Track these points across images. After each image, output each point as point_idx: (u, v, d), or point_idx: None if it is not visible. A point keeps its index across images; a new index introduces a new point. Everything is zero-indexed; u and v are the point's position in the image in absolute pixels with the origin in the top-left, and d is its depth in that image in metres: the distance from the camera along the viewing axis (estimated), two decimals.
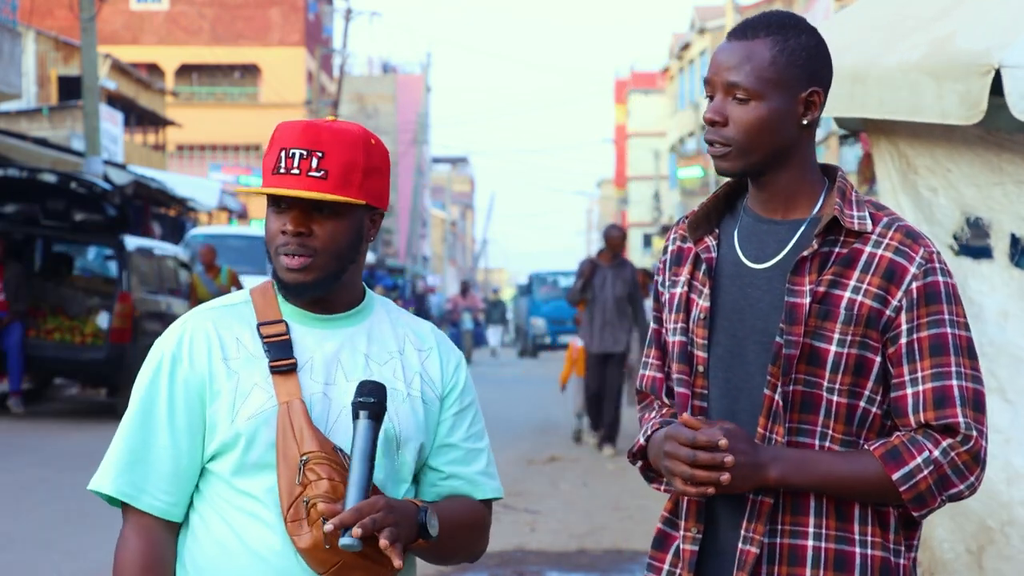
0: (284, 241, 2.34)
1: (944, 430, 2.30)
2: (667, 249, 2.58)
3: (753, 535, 2.35)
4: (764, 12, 2.46)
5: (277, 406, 2.31)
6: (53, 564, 7.50)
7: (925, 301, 2.32)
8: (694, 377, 2.45)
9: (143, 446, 2.33)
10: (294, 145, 2.34)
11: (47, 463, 11.22)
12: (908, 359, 2.32)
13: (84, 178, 16.01)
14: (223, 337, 2.37)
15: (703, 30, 46.02)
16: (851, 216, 2.36)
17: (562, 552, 8.36)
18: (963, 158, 4.45)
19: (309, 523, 2.26)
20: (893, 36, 4.39)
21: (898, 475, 2.29)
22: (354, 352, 2.40)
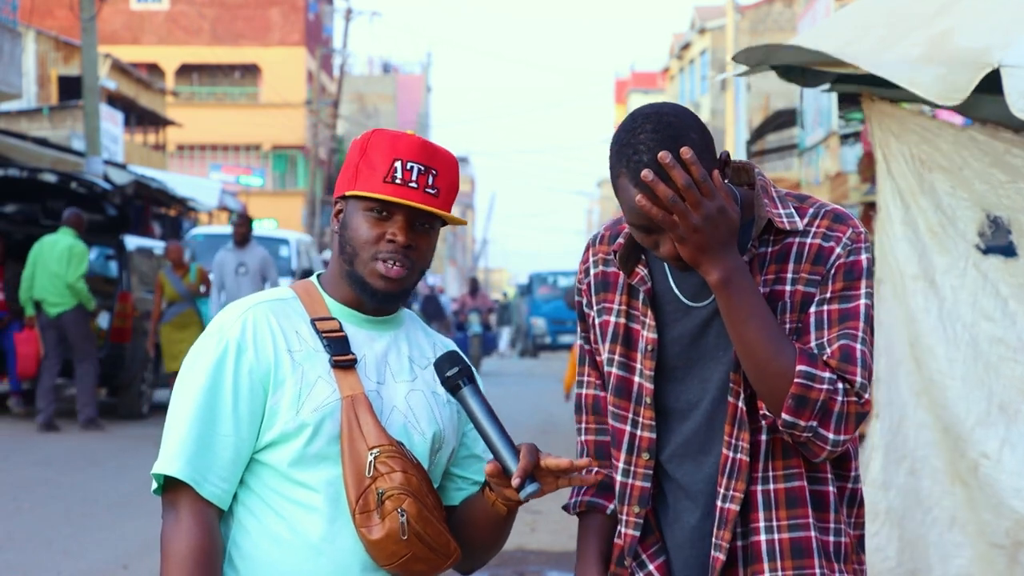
0: (390, 249, 2.39)
1: (843, 380, 2.31)
2: (588, 271, 2.56)
3: (721, 542, 2.38)
4: (650, 127, 2.30)
5: (341, 400, 2.35)
6: (53, 564, 7.50)
7: (844, 276, 2.35)
8: (641, 408, 2.45)
9: (208, 432, 2.34)
10: (412, 159, 2.40)
11: (47, 463, 11.22)
12: (816, 327, 2.34)
13: (84, 178, 16.02)
14: (284, 328, 2.40)
15: (703, 30, 46.01)
16: (780, 215, 2.38)
17: (562, 552, 8.35)
18: (974, 157, 4.46)
19: (382, 515, 2.30)
20: (893, 34, 4.39)
21: (803, 368, 2.28)
22: (399, 355, 2.46)
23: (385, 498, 2.30)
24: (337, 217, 2.46)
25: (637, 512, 2.46)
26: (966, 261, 4.53)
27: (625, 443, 2.47)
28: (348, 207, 2.43)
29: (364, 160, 2.41)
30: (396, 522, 2.30)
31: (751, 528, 2.37)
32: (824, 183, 22.51)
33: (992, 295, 4.51)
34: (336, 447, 2.34)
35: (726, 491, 2.37)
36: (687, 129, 2.29)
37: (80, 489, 10.00)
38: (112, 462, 11.20)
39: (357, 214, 2.41)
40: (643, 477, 2.46)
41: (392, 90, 66.92)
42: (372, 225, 2.39)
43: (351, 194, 2.41)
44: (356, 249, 2.40)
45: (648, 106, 2.35)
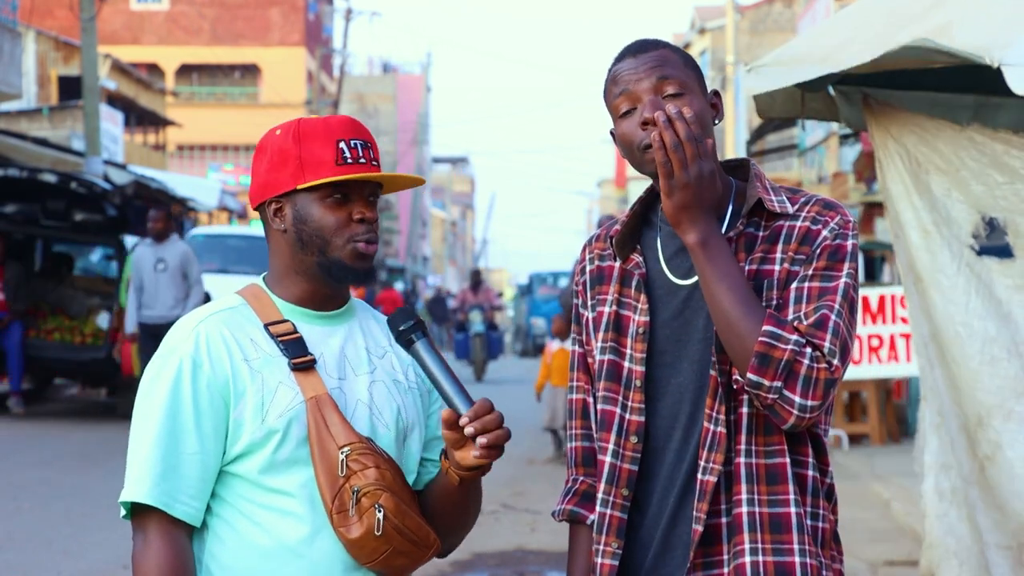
0: (363, 229, 2.39)
1: (813, 346, 2.32)
2: (584, 269, 2.59)
3: (700, 514, 2.39)
4: (644, 39, 2.52)
5: (305, 402, 2.33)
6: (53, 564, 7.50)
7: (828, 257, 2.38)
8: (631, 392, 2.47)
9: (173, 452, 2.32)
10: (351, 136, 2.39)
11: (47, 463, 11.22)
12: (795, 302, 2.36)
13: (84, 178, 16.01)
14: (238, 338, 2.37)
15: (703, 30, 46.00)
16: (771, 200, 2.43)
17: (562, 552, 8.33)
18: (971, 158, 4.46)
19: (359, 513, 2.29)
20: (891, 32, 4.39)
21: (769, 328, 2.30)
22: (356, 347, 2.44)
23: (361, 495, 2.29)
24: (278, 217, 2.42)
25: (625, 495, 2.47)
26: (960, 262, 4.53)
27: (615, 425, 2.49)
28: (297, 202, 2.39)
29: (304, 149, 2.38)
30: (374, 519, 2.29)
31: (734, 501, 2.39)
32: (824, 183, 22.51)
33: (986, 296, 4.51)
34: (305, 450, 2.32)
35: (705, 463, 2.39)
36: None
37: (80, 489, 9.99)
38: (112, 462, 11.19)
39: (313, 205, 2.38)
40: (631, 460, 2.47)
41: (392, 90, 66.90)
42: (335, 210, 2.38)
43: (304, 187, 2.37)
44: (326, 238, 2.38)
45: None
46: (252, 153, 2.50)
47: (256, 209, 2.47)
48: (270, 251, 2.47)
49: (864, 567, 7.71)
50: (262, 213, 2.45)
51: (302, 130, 2.40)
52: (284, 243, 2.42)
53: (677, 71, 2.42)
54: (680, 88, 2.41)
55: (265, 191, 2.42)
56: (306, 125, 2.40)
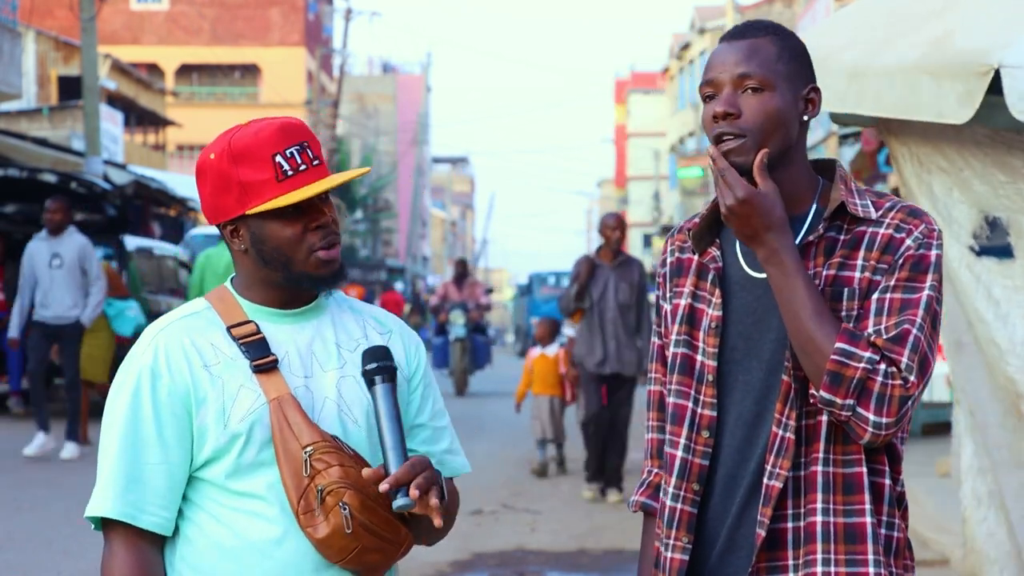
0: (321, 236, 2.35)
1: (890, 361, 2.30)
2: (665, 261, 2.59)
3: (763, 519, 2.36)
4: (753, 20, 2.49)
5: (267, 403, 2.31)
6: (53, 564, 7.50)
7: (911, 267, 2.35)
8: (702, 387, 2.46)
9: (136, 464, 2.32)
10: (285, 146, 2.33)
11: (47, 463, 11.21)
12: (876, 312, 2.33)
13: (84, 178, 16.02)
14: (198, 344, 2.35)
15: (703, 30, 46.01)
16: (855, 203, 2.40)
17: (562, 552, 8.35)
18: (974, 157, 4.46)
19: (325, 512, 2.28)
20: (891, 34, 4.39)
21: (841, 346, 2.28)
22: (325, 342, 2.41)
23: (326, 494, 2.27)
24: (237, 238, 2.37)
25: (696, 490, 2.45)
26: (959, 263, 4.53)
27: (687, 420, 2.47)
28: (251, 224, 2.34)
29: (242, 172, 2.32)
30: (339, 517, 2.27)
31: (808, 509, 2.37)
32: None
33: (984, 297, 4.51)
34: (270, 452, 2.31)
35: (772, 468, 2.37)
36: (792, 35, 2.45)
37: (80, 489, 9.98)
38: None
39: (267, 225, 2.33)
40: (702, 455, 2.45)
41: (392, 90, 66.92)
42: (290, 225, 2.33)
43: (253, 212, 2.32)
44: (288, 254, 2.34)
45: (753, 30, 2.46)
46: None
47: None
48: (235, 264, 2.43)
49: None
50: (221, 231, 2.41)
51: (235, 150, 2.32)
52: (248, 261, 2.39)
53: (761, 67, 2.38)
54: (760, 84, 2.38)
55: (216, 215, 2.38)
56: (238, 144, 2.33)
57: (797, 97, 2.41)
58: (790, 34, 2.45)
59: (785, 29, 2.45)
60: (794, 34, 2.46)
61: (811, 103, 2.43)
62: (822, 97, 2.47)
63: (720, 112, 2.40)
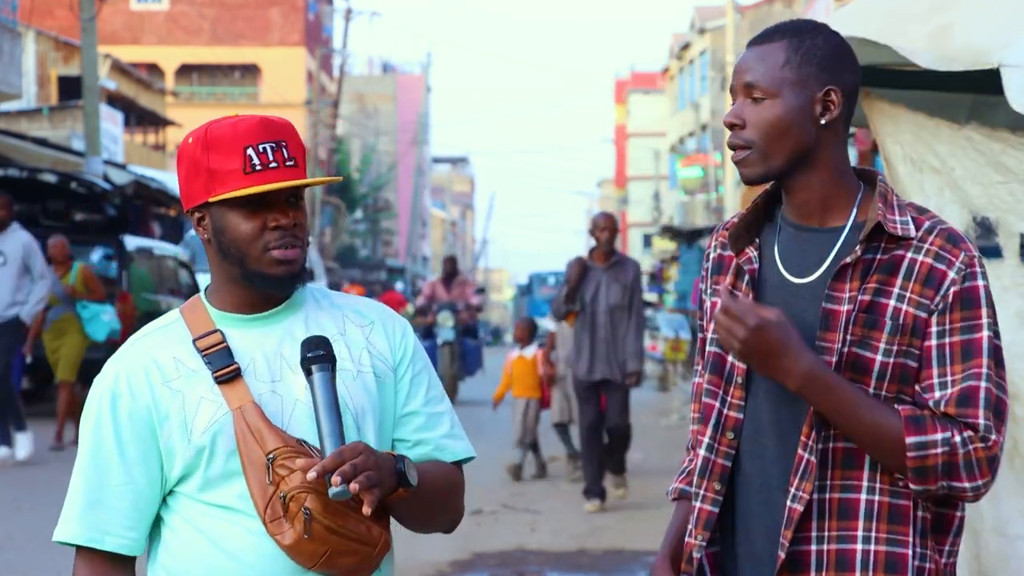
0: (278, 236, 2.31)
1: (965, 426, 2.29)
2: (709, 256, 2.58)
3: (784, 541, 2.35)
4: (786, 21, 2.47)
5: (230, 413, 2.29)
6: (53, 564, 7.49)
7: (961, 305, 2.31)
8: (731, 388, 2.45)
9: (98, 487, 2.32)
10: (260, 140, 2.30)
11: (47, 463, 11.22)
12: (939, 362, 2.31)
13: (84, 178, 16.03)
14: (159, 361, 2.34)
15: (703, 30, 46.01)
16: (894, 221, 2.36)
17: (562, 552, 8.35)
18: (967, 157, 4.45)
19: (289, 519, 2.25)
20: (891, 31, 4.39)
21: (913, 440, 2.27)
22: (295, 344, 2.36)
23: (289, 500, 2.24)
24: (201, 227, 2.35)
25: (717, 489, 2.44)
26: None
27: (712, 420, 2.47)
28: (213, 213, 2.32)
29: (212, 159, 2.30)
30: (302, 522, 2.24)
31: (849, 535, 2.34)
32: None
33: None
34: (236, 461, 2.28)
35: (796, 490, 2.35)
36: (818, 35, 2.41)
37: None
38: None
39: (227, 216, 2.31)
40: (725, 455, 2.45)
41: (392, 90, 66.94)
42: (249, 219, 2.30)
43: (215, 200, 2.30)
44: (243, 249, 2.31)
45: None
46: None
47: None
48: (207, 259, 2.42)
49: None
50: (190, 218, 2.40)
51: (210, 138, 2.31)
52: (212, 252, 2.38)
53: (764, 76, 2.37)
54: (763, 94, 2.37)
55: (186, 201, 2.37)
56: (214, 132, 2.32)
57: (811, 101, 2.37)
58: (815, 34, 2.40)
59: (811, 29, 2.41)
60: (823, 32, 2.41)
61: (830, 105, 2.38)
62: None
63: (727, 123, 2.41)
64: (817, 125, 2.38)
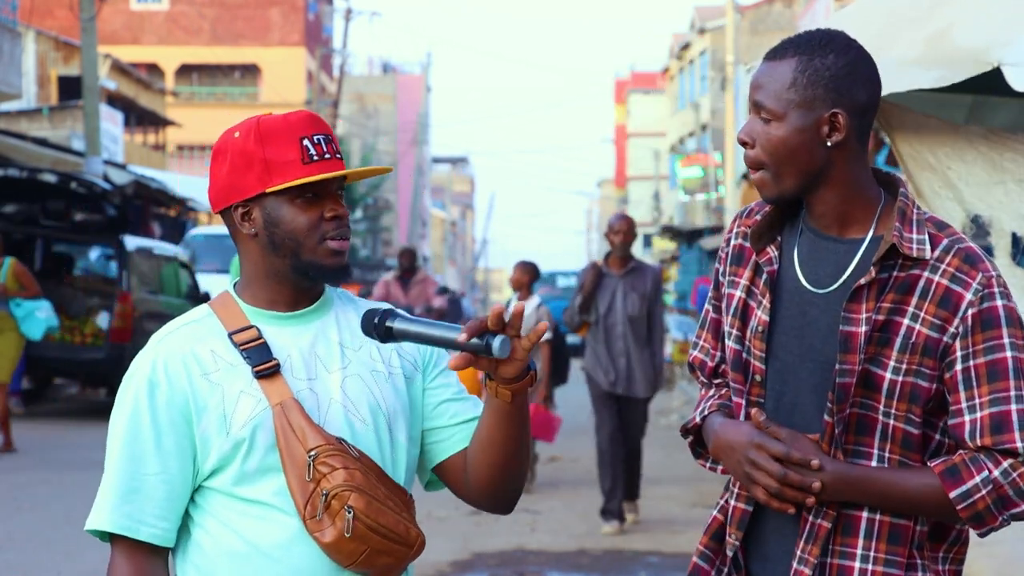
0: (334, 226, 2.34)
1: (1004, 453, 2.29)
2: (729, 242, 2.57)
3: (808, 556, 2.36)
4: (802, 32, 2.43)
5: (270, 409, 2.30)
6: (53, 564, 7.50)
7: (981, 327, 2.31)
8: (750, 386, 2.46)
9: (135, 476, 2.31)
10: (314, 132, 2.34)
11: (47, 463, 11.22)
12: (965, 386, 2.31)
13: (84, 178, 16.03)
14: (197, 353, 2.34)
15: (703, 30, 46.00)
16: (910, 240, 2.34)
17: (562, 552, 8.36)
18: (964, 157, 4.46)
19: (330, 516, 2.26)
20: (891, 32, 4.39)
21: (956, 493, 2.29)
22: (328, 343, 2.38)
23: (331, 498, 2.25)
24: (247, 221, 2.36)
25: (735, 537, 2.45)
26: None
27: (741, 418, 2.47)
28: (267, 205, 2.33)
29: (268, 150, 2.32)
30: (344, 520, 2.25)
31: (848, 552, 2.36)
32: None
33: None
34: (274, 457, 2.29)
35: (820, 506, 2.36)
36: (829, 52, 2.37)
37: (80, 489, 9.98)
38: None
39: (283, 207, 2.32)
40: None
41: (392, 90, 66.92)
42: (305, 211, 2.32)
43: (273, 190, 2.31)
44: (300, 240, 2.33)
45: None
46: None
47: (219, 213, 2.42)
48: (240, 255, 2.42)
49: None
50: (226, 218, 2.40)
51: (263, 130, 2.33)
52: (256, 247, 2.37)
53: (770, 97, 2.36)
54: (769, 115, 2.37)
55: (230, 195, 2.36)
56: (266, 124, 2.34)
57: (816, 123, 2.35)
58: (826, 51, 2.35)
59: (823, 44, 2.36)
60: (835, 49, 2.36)
61: (836, 127, 2.35)
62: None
63: (740, 140, 2.42)
64: (825, 147, 2.36)
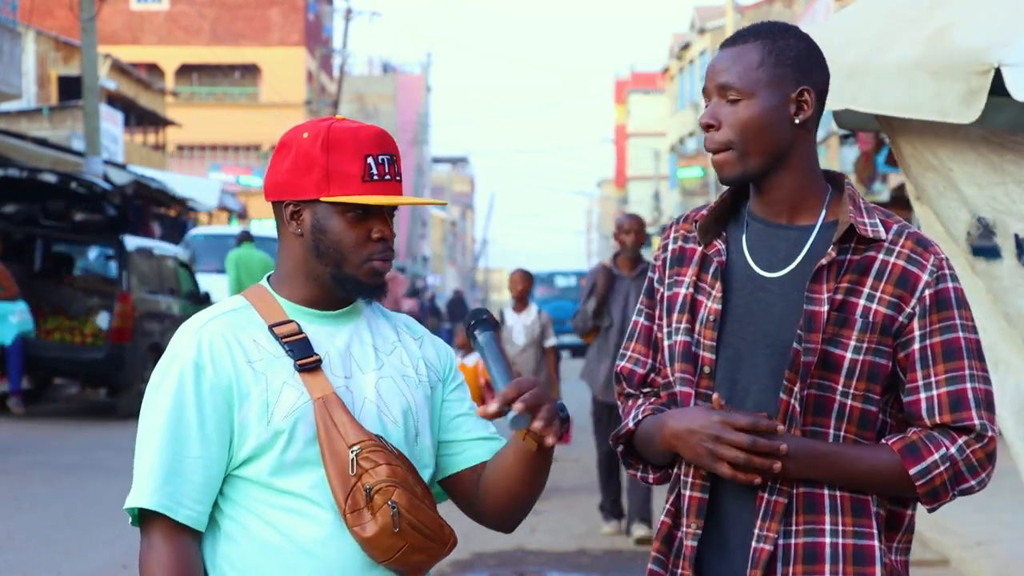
0: (381, 248, 2.36)
1: (960, 430, 2.36)
2: (667, 247, 2.60)
3: (767, 533, 2.38)
4: (756, 23, 2.51)
5: (311, 402, 2.32)
6: (53, 564, 7.50)
7: (937, 307, 2.38)
8: (699, 377, 2.47)
9: (176, 457, 2.31)
10: (380, 151, 2.36)
11: (47, 463, 11.22)
12: (922, 364, 2.38)
13: (84, 178, 16.03)
14: (241, 340, 2.35)
15: (703, 30, 46.01)
16: (864, 223, 2.41)
17: (562, 552, 8.36)
18: (966, 158, 4.46)
19: (373, 510, 2.27)
20: (891, 32, 4.39)
21: (915, 470, 2.35)
22: (362, 345, 2.42)
23: (374, 493, 2.27)
24: (296, 220, 2.37)
25: (704, 474, 2.45)
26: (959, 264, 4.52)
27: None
28: (318, 211, 2.35)
29: (332, 160, 2.34)
30: (388, 516, 2.27)
31: (816, 529, 2.39)
32: None
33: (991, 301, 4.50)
34: (314, 450, 2.30)
35: (772, 483, 2.39)
36: (790, 36, 2.47)
37: (80, 489, 9.99)
38: (112, 462, 11.19)
39: (334, 218, 2.35)
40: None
41: (392, 90, 66.93)
42: (354, 226, 2.35)
43: (328, 200, 2.33)
44: (344, 253, 2.35)
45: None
46: (251, 153, 2.47)
47: (270, 202, 2.44)
48: (281, 248, 2.44)
49: None
50: (276, 210, 2.42)
51: (331, 138, 2.35)
52: (299, 247, 2.39)
53: (740, 76, 2.41)
54: (738, 94, 2.41)
55: (284, 191, 2.38)
56: (336, 133, 2.35)
57: (785, 101, 2.42)
58: (787, 35, 2.45)
59: (783, 30, 2.45)
60: (794, 34, 2.46)
61: (804, 104, 2.43)
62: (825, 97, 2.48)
63: (703, 124, 2.45)
64: (792, 124, 2.42)
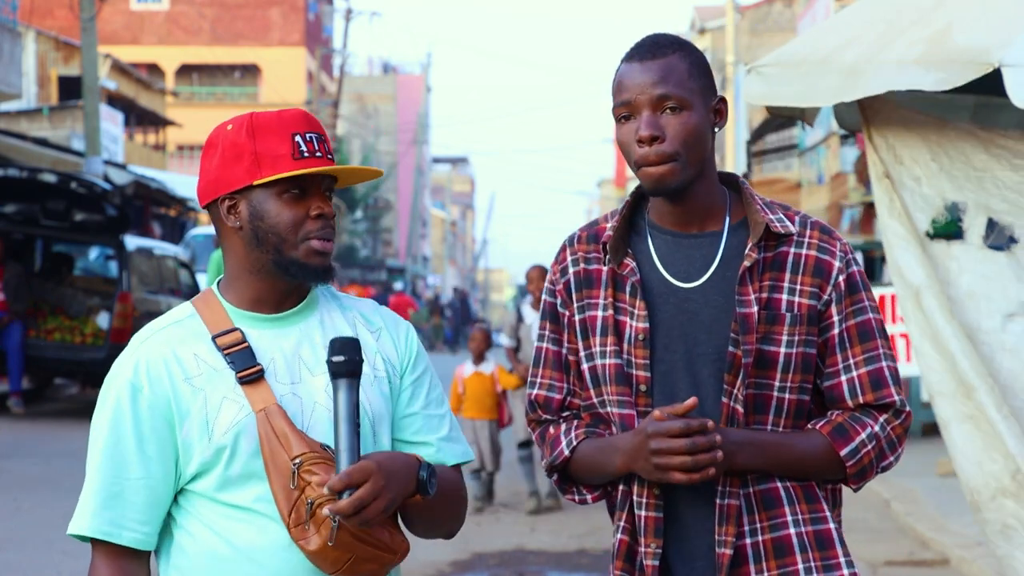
0: (320, 225, 2.33)
1: (882, 408, 2.45)
2: (566, 270, 2.56)
3: (726, 538, 2.41)
4: (654, 35, 2.50)
5: (253, 415, 2.28)
6: (53, 564, 7.50)
7: (849, 291, 2.47)
8: (636, 396, 2.47)
9: (116, 481, 2.31)
10: (307, 130, 2.35)
11: (47, 463, 11.22)
12: (840, 347, 2.45)
13: (84, 178, 16.01)
14: (180, 356, 2.32)
15: (703, 30, 45.99)
16: (774, 221, 2.46)
17: (562, 552, 8.36)
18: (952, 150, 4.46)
19: (315, 524, 2.24)
20: (891, 32, 4.39)
21: (846, 451, 2.42)
22: (312, 346, 2.37)
23: (316, 507, 2.23)
24: (233, 214, 2.34)
25: (657, 493, 2.45)
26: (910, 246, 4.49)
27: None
28: (253, 198, 2.32)
29: (259, 144, 2.33)
30: (330, 529, 2.22)
31: (779, 523, 2.43)
32: (824, 183, 22.50)
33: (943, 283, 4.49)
34: (258, 463, 2.27)
35: (723, 487, 2.42)
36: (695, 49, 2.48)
37: (80, 489, 9.98)
38: None
39: (270, 200, 2.32)
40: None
41: (392, 90, 66.90)
42: (291, 206, 2.32)
43: (260, 183, 2.31)
44: (282, 235, 2.31)
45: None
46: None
47: (206, 208, 2.41)
48: (224, 251, 2.40)
49: (864, 567, 7.71)
50: (213, 211, 2.39)
51: (256, 124, 2.34)
52: (238, 241, 2.36)
53: (678, 87, 2.41)
54: (679, 104, 2.41)
55: (218, 187, 2.35)
56: (259, 119, 2.35)
57: (708, 110, 2.45)
58: (693, 48, 2.48)
59: (686, 42, 2.48)
60: (696, 48, 2.49)
61: (719, 114, 2.48)
62: (822, 97, 2.50)
63: (647, 136, 2.40)
64: (713, 133, 2.47)
